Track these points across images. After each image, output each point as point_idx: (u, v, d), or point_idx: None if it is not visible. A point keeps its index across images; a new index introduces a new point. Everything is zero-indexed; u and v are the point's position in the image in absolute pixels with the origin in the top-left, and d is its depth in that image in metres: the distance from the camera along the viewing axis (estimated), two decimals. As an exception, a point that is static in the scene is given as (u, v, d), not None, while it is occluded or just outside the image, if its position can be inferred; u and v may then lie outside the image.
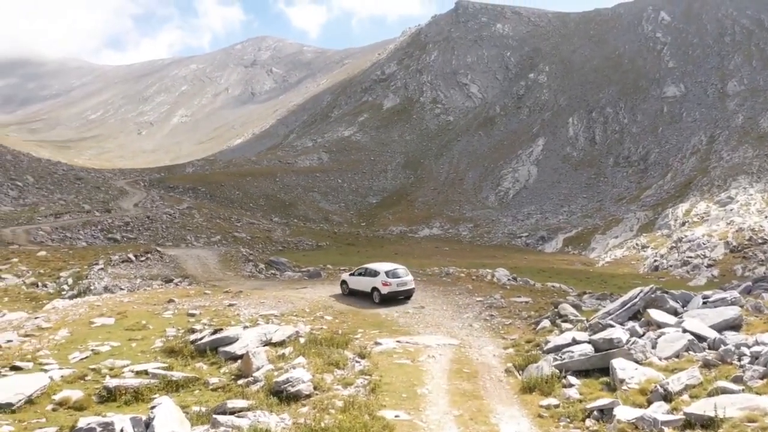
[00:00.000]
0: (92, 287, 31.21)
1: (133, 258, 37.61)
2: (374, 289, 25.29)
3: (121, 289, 30.90)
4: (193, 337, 16.26)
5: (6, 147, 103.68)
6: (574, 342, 14.50)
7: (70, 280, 32.69)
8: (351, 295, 26.69)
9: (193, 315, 20.75)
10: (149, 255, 39.16)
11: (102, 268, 34.83)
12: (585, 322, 16.66)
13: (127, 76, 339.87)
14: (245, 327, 17.61)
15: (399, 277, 25.29)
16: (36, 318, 20.36)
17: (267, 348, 15.20)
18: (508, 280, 32.68)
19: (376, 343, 16.99)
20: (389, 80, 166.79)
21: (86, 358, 15.37)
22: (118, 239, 62.01)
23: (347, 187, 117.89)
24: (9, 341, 16.83)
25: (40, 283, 32.71)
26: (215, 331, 16.15)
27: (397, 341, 17.10)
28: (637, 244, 72.87)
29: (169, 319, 20.41)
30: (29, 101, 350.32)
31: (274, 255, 58.20)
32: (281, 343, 15.91)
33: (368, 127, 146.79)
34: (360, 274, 26.74)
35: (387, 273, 25.26)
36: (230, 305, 22.90)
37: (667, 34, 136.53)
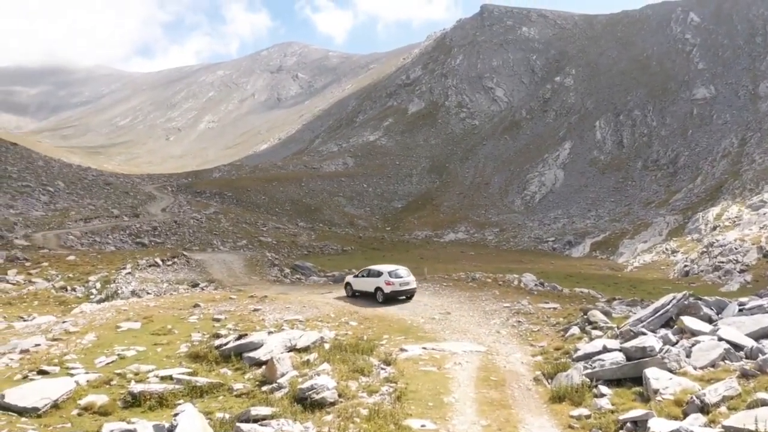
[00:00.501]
0: (120, 291, 31.47)
1: (160, 262, 37.91)
2: (378, 288, 26.46)
3: (148, 293, 31.13)
4: (217, 342, 16.18)
5: (38, 153, 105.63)
6: (605, 350, 14.03)
7: (98, 285, 33.01)
8: (354, 296, 27.77)
9: (218, 320, 20.76)
10: (176, 259, 39.44)
11: (129, 273, 35.14)
12: (615, 329, 16.15)
13: (156, 83, 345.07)
14: (270, 332, 17.51)
15: (401, 278, 26.62)
16: (64, 322, 20.51)
17: (291, 354, 15.03)
18: (536, 285, 32.22)
19: (402, 350, 16.65)
20: (414, 84, 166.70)
21: (112, 362, 15.39)
22: (146, 243, 62.77)
23: (372, 191, 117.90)
24: (37, 345, 16.97)
25: (69, 287, 33.09)
26: (240, 337, 16.05)
27: (423, 348, 16.73)
28: (666, 249, 71.47)
29: (194, 323, 20.42)
30: (61, 108, 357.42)
31: (300, 259, 58.34)
32: (306, 349, 15.73)
33: (393, 131, 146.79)
34: (364, 276, 27.96)
35: (389, 273, 26.61)
36: (255, 310, 22.87)
37: (696, 36, 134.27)
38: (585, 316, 18.30)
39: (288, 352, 15.30)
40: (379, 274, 27.01)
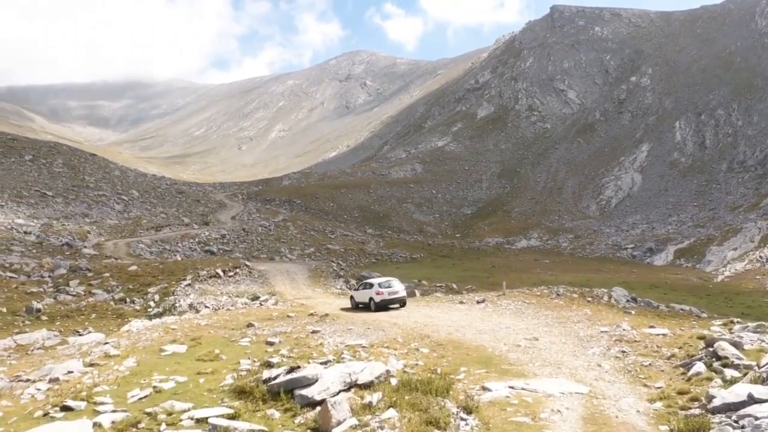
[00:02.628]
0: (177, 304, 30.08)
1: (221, 273, 36.41)
2: (371, 298, 28.94)
3: (206, 306, 29.60)
4: (266, 375, 13.77)
5: (115, 163, 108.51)
6: (752, 400, 10.65)
7: (156, 297, 31.81)
8: (358, 307, 29.70)
9: (271, 343, 18.47)
10: (238, 270, 37.93)
11: (189, 284, 33.78)
12: (756, 368, 12.75)
13: (229, 94, 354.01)
14: (328, 361, 15.10)
15: (390, 287, 29.35)
16: (105, 343, 18.86)
17: (351, 394, 12.39)
18: (628, 301, 28.62)
19: (484, 389, 13.63)
20: (483, 89, 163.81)
21: (146, 397, 13.29)
22: (215, 252, 62.45)
23: (441, 197, 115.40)
24: (69, 372, 15.18)
25: (128, 299, 32.04)
26: (291, 370, 13.56)
27: (510, 387, 13.48)
28: (761, 257, 66.41)
29: (245, 347, 18.27)
30: (140, 120, 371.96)
31: (367, 268, 56.47)
32: (369, 386, 13.06)
33: (462, 136, 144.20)
34: (362, 288, 30.70)
35: (379, 284, 29.43)
36: (314, 332, 20.54)
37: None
38: (710, 349, 14.83)
39: (347, 389, 12.78)
40: (371, 285, 29.70)
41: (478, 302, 28.00)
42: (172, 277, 35.41)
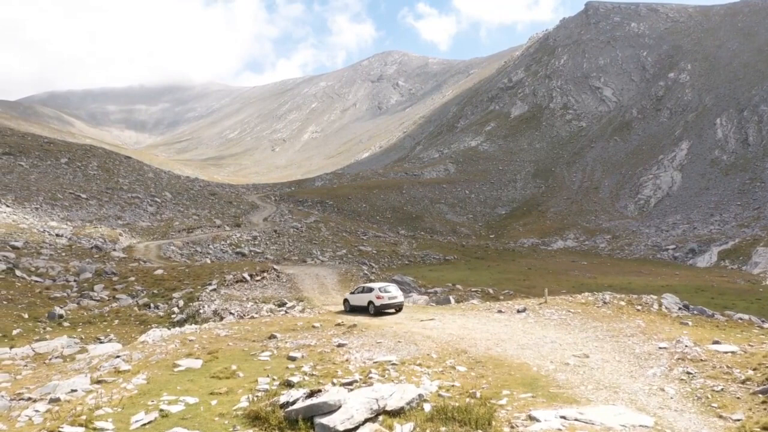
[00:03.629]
0: (201, 311, 28.93)
1: (248, 278, 35.16)
2: (370, 302, 29.44)
3: (231, 313, 28.38)
4: (284, 398, 12.24)
5: (149, 165, 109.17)
6: None
7: (180, 302, 30.75)
8: (353, 311, 30.33)
9: (293, 359, 16.99)
10: (265, 274, 36.64)
11: (214, 289, 32.63)
12: None
13: (262, 96, 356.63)
14: (353, 381, 13.59)
15: (389, 293, 29.74)
16: (117, 357, 17.66)
17: (378, 425, 10.73)
18: (680, 309, 26.42)
19: (531, 418, 11.78)
20: (516, 87, 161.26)
21: (149, 423, 11.91)
22: (246, 254, 61.83)
23: (475, 198, 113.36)
24: (73, 391, 13.94)
25: (152, 304, 31.06)
26: (311, 393, 12.01)
27: (562, 417, 11.49)
28: (811, 259, 63.01)
29: (264, 362, 16.82)
30: (176, 123, 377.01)
31: (400, 270, 55.02)
32: (399, 413, 11.42)
33: (495, 136, 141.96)
34: (359, 292, 31.05)
35: (380, 289, 29.83)
36: (340, 345, 19.00)
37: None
38: (794, 373, 12.85)
39: (374, 417, 11.22)
40: (370, 290, 30.00)
41: (518, 311, 25.94)
42: (197, 281, 34.35)
